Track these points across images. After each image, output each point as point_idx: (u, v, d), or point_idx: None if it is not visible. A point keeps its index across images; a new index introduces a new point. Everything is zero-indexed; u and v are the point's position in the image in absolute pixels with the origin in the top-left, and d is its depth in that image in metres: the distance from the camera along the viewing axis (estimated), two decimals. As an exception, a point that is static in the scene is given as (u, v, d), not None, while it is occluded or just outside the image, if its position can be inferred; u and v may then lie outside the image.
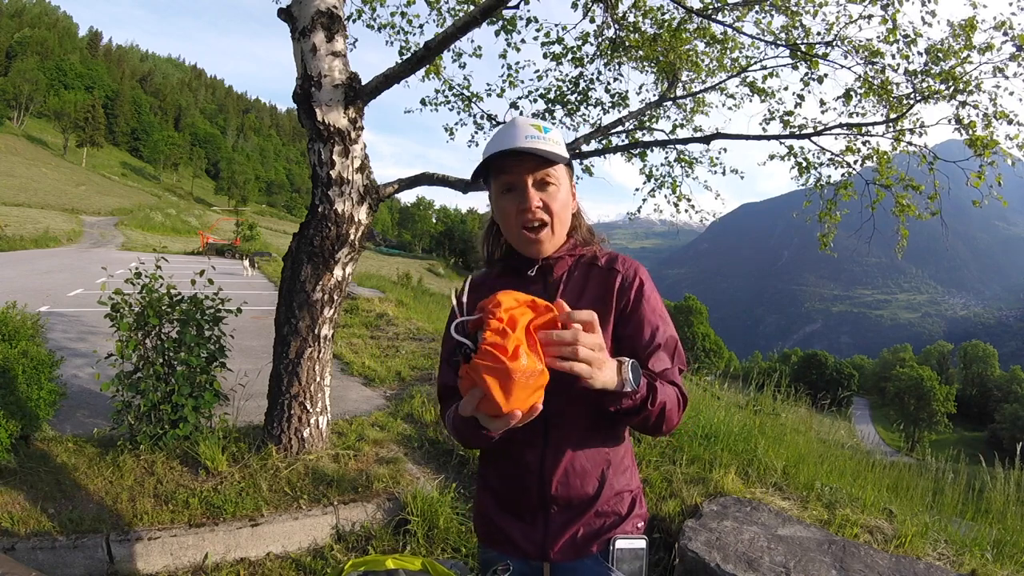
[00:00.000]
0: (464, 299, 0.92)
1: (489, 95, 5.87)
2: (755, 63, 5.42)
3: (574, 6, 5.27)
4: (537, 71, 5.84)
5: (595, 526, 1.15)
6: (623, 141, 5.94)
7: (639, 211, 6.15)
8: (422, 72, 5.28)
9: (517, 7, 4.28)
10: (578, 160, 5.64)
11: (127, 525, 2.63)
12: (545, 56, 5.59)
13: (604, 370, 0.90)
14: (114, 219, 46.67)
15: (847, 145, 5.02)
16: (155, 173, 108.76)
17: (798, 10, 4.76)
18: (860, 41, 4.71)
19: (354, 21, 5.38)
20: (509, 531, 1.18)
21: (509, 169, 1.10)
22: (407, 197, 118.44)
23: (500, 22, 5.24)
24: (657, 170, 6.04)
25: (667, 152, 5.99)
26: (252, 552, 2.72)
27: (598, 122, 5.98)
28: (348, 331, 7.73)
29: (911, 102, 4.71)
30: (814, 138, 5.18)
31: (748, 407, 5.22)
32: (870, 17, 4.58)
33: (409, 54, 3.58)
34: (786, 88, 5.23)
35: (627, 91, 5.91)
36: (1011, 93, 4.56)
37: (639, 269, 1.18)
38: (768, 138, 5.31)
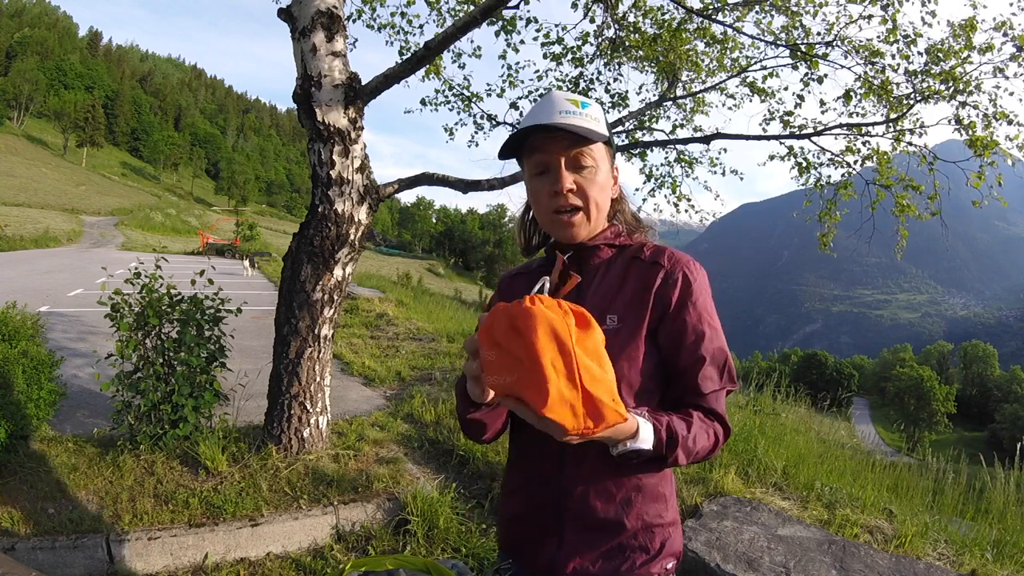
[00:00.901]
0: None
1: (489, 95, 5.88)
2: (755, 63, 5.43)
3: (574, 6, 5.28)
4: (537, 71, 5.85)
5: (616, 561, 1.00)
6: (623, 141, 5.95)
7: (639, 211, 6.14)
8: (422, 72, 5.29)
9: (517, 7, 4.28)
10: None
11: (127, 525, 2.63)
12: (545, 56, 5.60)
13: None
14: (114, 219, 46.67)
15: (847, 145, 5.03)
16: (155, 173, 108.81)
17: (798, 10, 4.76)
18: (860, 41, 4.72)
19: (354, 21, 5.39)
20: (522, 541, 1.09)
21: (541, 147, 0.99)
22: (407, 197, 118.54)
23: (500, 22, 5.24)
24: (657, 170, 6.06)
25: (667, 152, 6.00)
26: (252, 552, 2.72)
27: (598, 122, 5.97)
28: (348, 331, 7.73)
29: (911, 102, 4.72)
30: (814, 138, 5.19)
31: (748, 407, 5.22)
32: (870, 17, 4.58)
33: (409, 54, 3.59)
34: (786, 88, 5.25)
35: (627, 91, 5.93)
36: (1011, 93, 4.56)
37: (688, 265, 1.03)
38: (768, 138, 5.32)
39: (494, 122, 5.88)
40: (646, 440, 0.86)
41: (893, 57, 4.65)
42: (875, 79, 4.73)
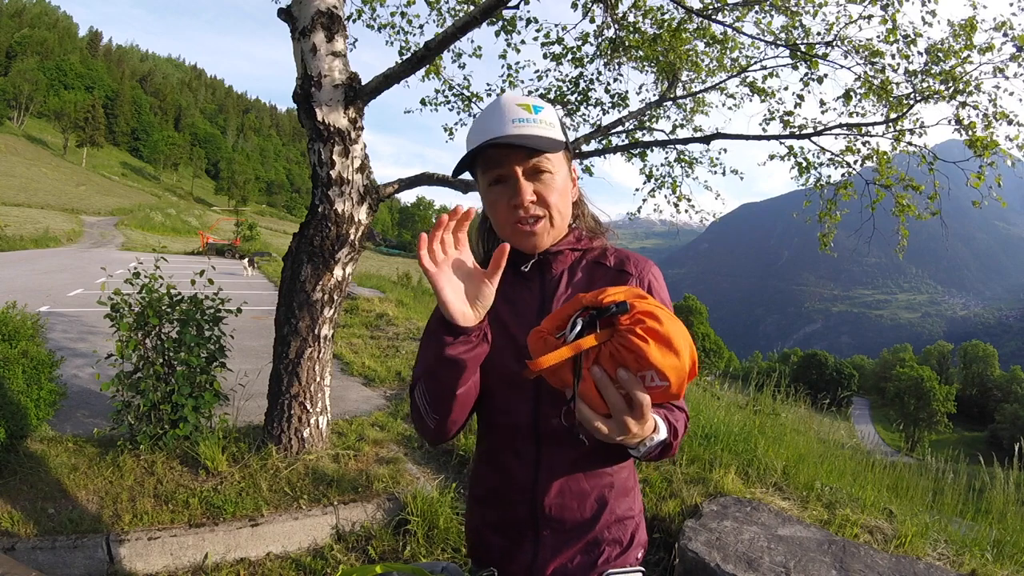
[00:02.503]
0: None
1: (489, 95, 5.87)
2: (755, 63, 5.42)
3: (574, 6, 5.27)
4: (537, 71, 5.85)
5: (593, 555, 1.03)
6: (623, 141, 5.94)
7: (639, 211, 6.15)
8: (422, 72, 5.28)
9: (517, 7, 4.28)
10: (578, 160, 5.64)
11: (127, 525, 2.63)
12: (545, 56, 5.59)
13: (636, 436, 0.80)
14: (114, 219, 46.73)
15: (847, 145, 5.03)
16: (155, 173, 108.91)
17: (798, 10, 4.76)
18: (860, 41, 4.71)
19: (354, 21, 5.38)
20: (495, 550, 1.08)
21: (496, 160, 0.95)
22: (407, 197, 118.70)
23: (500, 22, 5.24)
24: (657, 170, 6.05)
25: (667, 152, 6.00)
26: (252, 552, 2.72)
27: (598, 122, 5.98)
28: (348, 331, 7.73)
29: (911, 102, 4.71)
30: (814, 138, 5.18)
31: (748, 407, 5.22)
32: (870, 17, 4.58)
33: (409, 54, 3.58)
34: (786, 88, 5.24)
35: (627, 91, 5.91)
36: (1011, 93, 4.56)
37: (651, 271, 1.05)
38: (768, 138, 5.31)
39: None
40: (662, 430, 0.88)
41: (893, 57, 4.64)
42: (875, 79, 4.72)
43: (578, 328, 0.72)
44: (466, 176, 1.10)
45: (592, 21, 5.39)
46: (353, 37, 5.24)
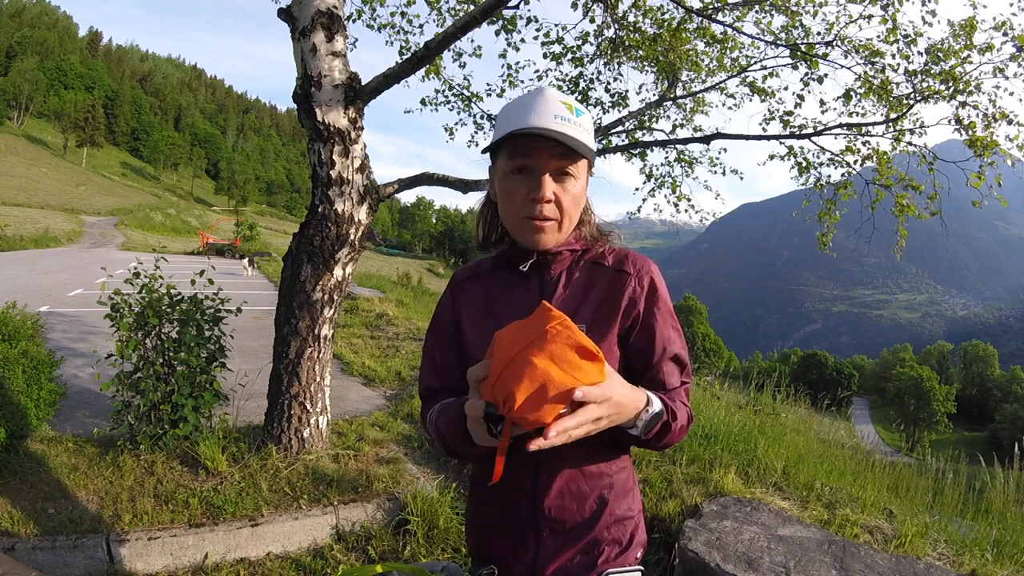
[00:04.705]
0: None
1: (489, 95, 5.87)
2: (755, 63, 5.42)
3: (574, 6, 5.27)
4: (537, 71, 5.87)
5: (593, 555, 1.05)
6: (623, 141, 5.94)
7: (639, 211, 6.14)
8: (422, 72, 5.28)
9: (517, 7, 4.28)
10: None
11: (127, 525, 2.63)
12: (545, 56, 5.59)
13: (617, 419, 0.86)
14: (114, 219, 46.73)
15: (847, 145, 5.02)
16: (155, 173, 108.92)
17: (798, 10, 4.75)
18: (860, 41, 4.71)
19: (354, 21, 5.38)
20: (497, 551, 1.09)
21: (529, 150, 0.96)
22: (407, 197, 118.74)
23: (500, 22, 5.24)
24: (657, 170, 6.05)
25: (667, 152, 5.99)
26: (252, 552, 2.72)
27: (598, 122, 5.97)
28: (348, 331, 7.73)
29: (911, 102, 4.71)
30: (814, 138, 5.17)
31: (748, 407, 5.22)
32: (870, 17, 4.58)
33: (409, 54, 3.58)
34: (786, 88, 5.23)
35: (627, 91, 5.91)
36: (1011, 93, 4.55)
37: (650, 270, 1.06)
38: (768, 138, 5.31)
39: (493, 122, 5.87)
40: (656, 404, 0.93)
41: (893, 57, 4.64)
42: (875, 79, 4.72)
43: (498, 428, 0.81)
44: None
45: (592, 21, 5.40)
46: (353, 37, 5.23)
